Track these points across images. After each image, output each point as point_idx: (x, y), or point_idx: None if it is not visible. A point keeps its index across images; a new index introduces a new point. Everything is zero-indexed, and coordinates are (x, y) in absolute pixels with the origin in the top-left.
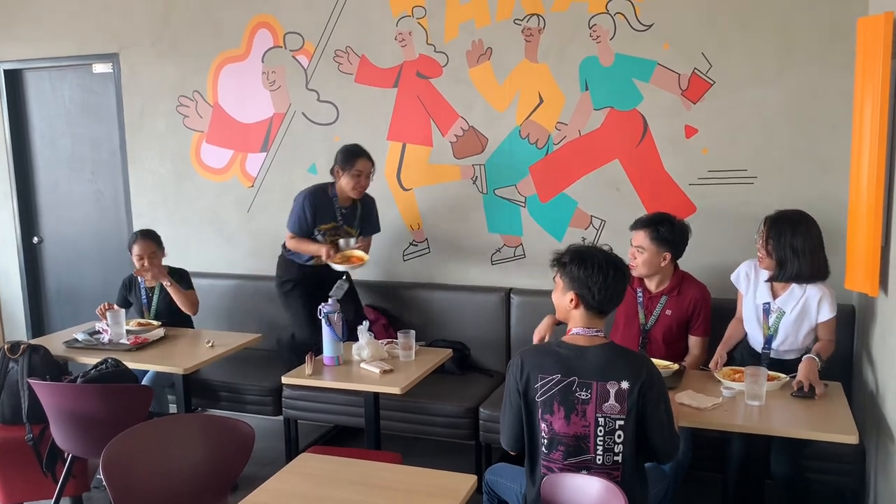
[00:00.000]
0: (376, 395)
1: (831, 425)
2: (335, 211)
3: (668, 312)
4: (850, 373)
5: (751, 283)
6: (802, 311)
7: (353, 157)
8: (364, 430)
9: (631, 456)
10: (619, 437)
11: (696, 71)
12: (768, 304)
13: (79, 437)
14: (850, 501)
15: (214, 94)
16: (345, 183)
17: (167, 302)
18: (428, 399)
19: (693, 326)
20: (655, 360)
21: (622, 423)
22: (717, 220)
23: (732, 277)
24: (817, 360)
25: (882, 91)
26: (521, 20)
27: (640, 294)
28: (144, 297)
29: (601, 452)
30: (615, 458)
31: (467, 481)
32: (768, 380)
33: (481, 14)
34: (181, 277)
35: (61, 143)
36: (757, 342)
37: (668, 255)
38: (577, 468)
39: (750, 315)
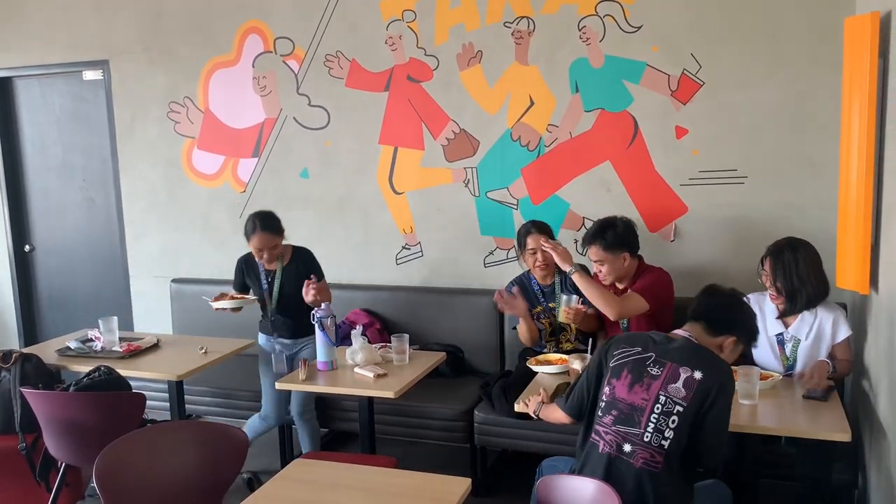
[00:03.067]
0: (370, 399)
1: (824, 423)
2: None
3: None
4: None
5: (759, 316)
6: (818, 335)
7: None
8: (359, 435)
9: (677, 450)
10: (673, 422)
11: (685, 72)
12: (781, 334)
13: (72, 446)
14: (844, 498)
15: (205, 99)
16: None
17: (292, 286)
18: (422, 403)
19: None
20: None
21: (681, 409)
22: (708, 220)
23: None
24: (829, 364)
25: (869, 90)
26: (511, 23)
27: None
28: (265, 281)
29: (651, 430)
30: (663, 441)
31: (462, 484)
32: (761, 378)
33: (471, 17)
34: (308, 261)
35: (52, 150)
36: (775, 372)
37: (626, 255)
38: (622, 438)
39: (763, 347)
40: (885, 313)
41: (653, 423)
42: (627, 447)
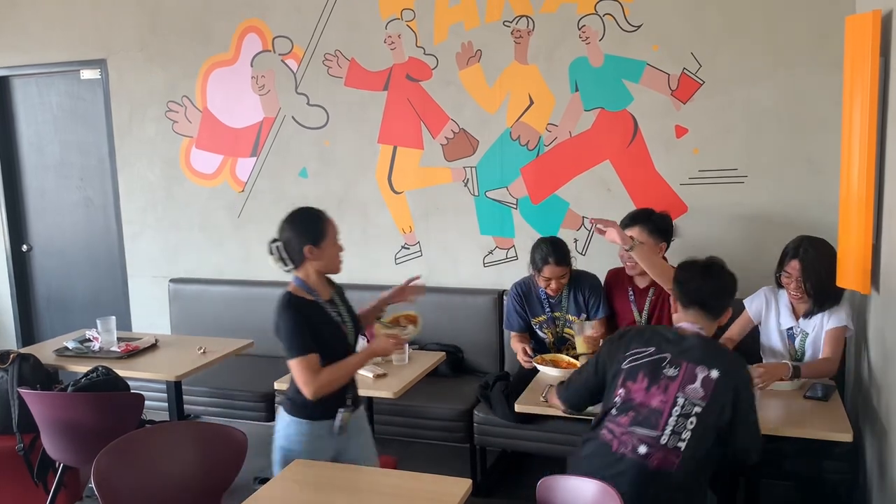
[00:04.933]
0: (370, 398)
1: (826, 423)
2: None
3: (659, 303)
4: (843, 370)
5: (772, 310)
6: (822, 327)
7: (542, 262)
8: None
9: (695, 452)
10: (691, 423)
11: (685, 71)
12: (792, 328)
13: (70, 447)
14: (844, 498)
15: (203, 99)
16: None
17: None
18: (422, 403)
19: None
20: None
21: (699, 410)
22: (708, 219)
23: (749, 305)
24: (791, 368)
25: (871, 88)
26: (511, 22)
27: (630, 292)
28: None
29: (669, 433)
30: (679, 443)
31: (462, 485)
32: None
33: (470, 16)
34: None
35: (49, 149)
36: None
37: (664, 246)
38: (638, 440)
39: (773, 341)
40: (885, 313)
41: (671, 425)
42: (643, 449)
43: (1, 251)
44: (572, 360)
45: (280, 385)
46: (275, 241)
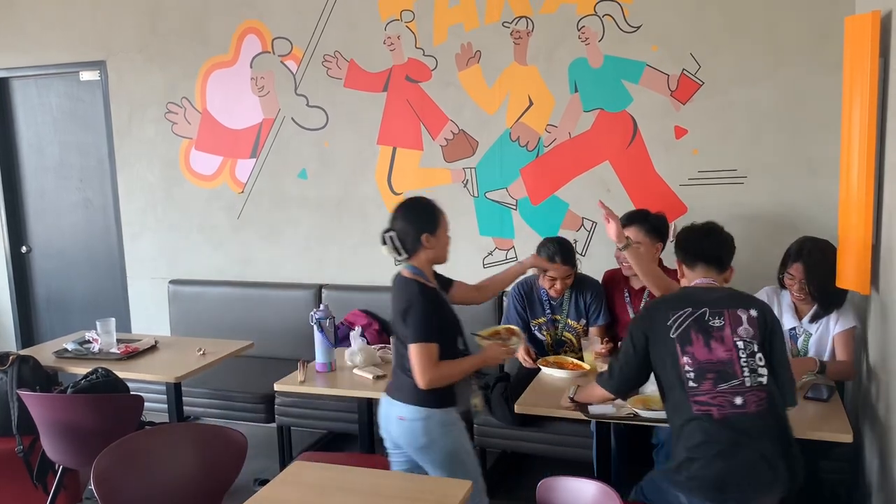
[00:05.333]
0: (370, 400)
1: (826, 424)
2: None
3: None
4: None
5: (774, 309)
6: (825, 327)
7: (549, 261)
8: (358, 436)
9: (773, 383)
10: (760, 358)
11: (684, 72)
12: (794, 328)
13: (69, 448)
14: (844, 498)
15: (203, 100)
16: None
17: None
18: None
19: None
20: None
21: (758, 345)
22: (709, 220)
23: None
24: (818, 363)
25: (870, 89)
26: (510, 23)
27: (626, 293)
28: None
29: (748, 374)
30: (759, 378)
31: (463, 486)
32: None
33: (470, 17)
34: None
35: (49, 151)
36: None
37: (661, 246)
38: (730, 394)
39: None
40: (885, 313)
41: (745, 366)
42: (739, 399)
43: (0, 253)
44: (578, 361)
45: (280, 386)
46: (388, 230)
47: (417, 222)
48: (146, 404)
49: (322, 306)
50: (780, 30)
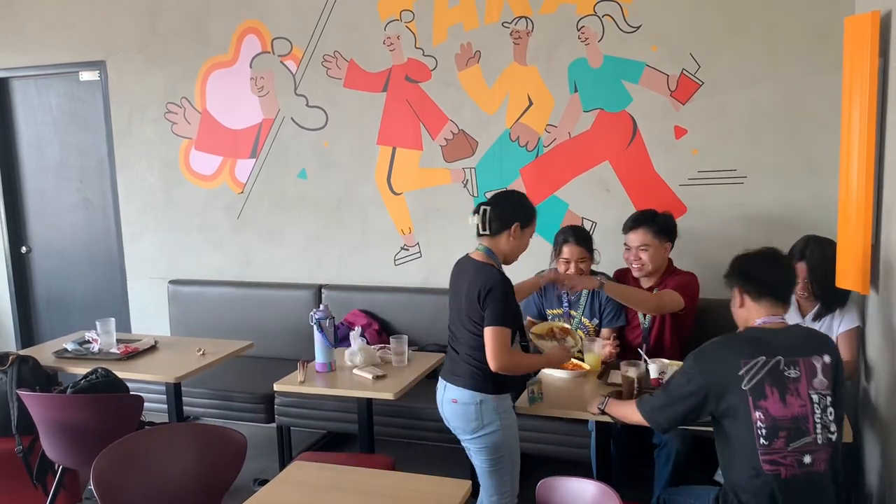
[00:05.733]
0: (369, 400)
1: None
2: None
3: None
4: None
5: None
6: (827, 328)
7: (561, 242)
8: (357, 436)
9: (841, 435)
10: (831, 413)
11: (684, 72)
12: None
13: (69, 449)
14: (844, 499)
15: (203, 100)
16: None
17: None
18: (421, 404)
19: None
20: (677, 363)
21: (832, 397)
22: (708, 220)
23: None
24: None
25: (870, 89)
26: (510, 23)
27: None
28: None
29: (820, 430)
30: (829, 434)
31: (462, 487)
32: None
33: (469, 17)
34: None
35: (48, 151)
36: None
37: (669, 246)
38: (800, 454)
39: None
40: (885, 313)
41: (818, 422)
42: (808, 458)
43: (0, 253)
44: (578, 361)
45: (280, 387)
46: (485, 205)
47: (515, 210)
48: (146, 404)
49: (322, 306)
50: (779, 30)
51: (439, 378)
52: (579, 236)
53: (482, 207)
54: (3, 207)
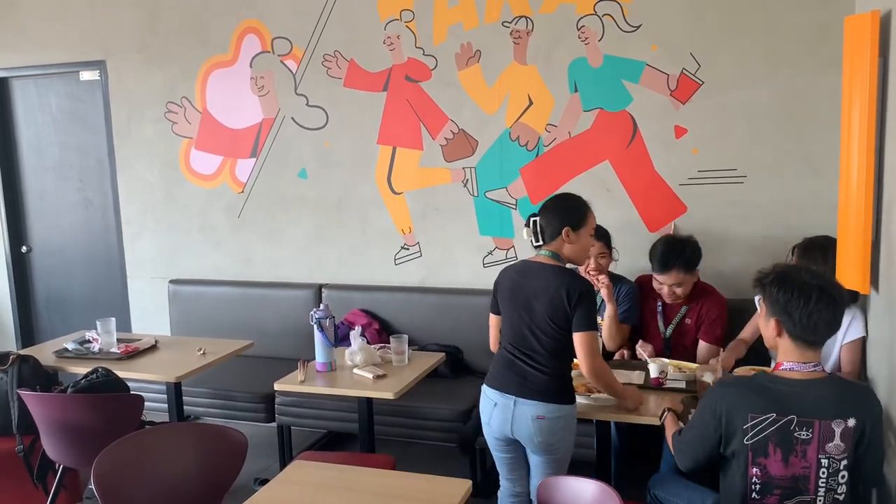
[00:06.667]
0: (369, 400)
1: None
2: None
3: (688, 321)
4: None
5: None
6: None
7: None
8: (358, 436)
9: (851, 494)
10: (843, 476)
11: (684, 71)
12: None
13: (70, 448)
14: None
15: (203, 100)
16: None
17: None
18: (422, 403)
19: (704, 332)
20: (680, 363)
21: (847, 461)
22: (708, 219)
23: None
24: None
25: (870, 89)
26: (510, 22)
27: (659, 304)
28: None
29: (822, 493)
30: (836, 496)
31: (462, 486)
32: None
33: (469, 17)
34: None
35: (48, 151)
36: None
37: (697, 270)
38: None
39: None
40: (885, 312)
41: (822, 486)
42: None
43: (1, 253)
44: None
45: (280, 386)
46: (534, 216)
47: (562, 214)
48: (146, 404)
49: (322, 306)
50: (779, 29)
51: (494, 392)
52: (599, 232)
53: (531, 219)
54: (4, 207)
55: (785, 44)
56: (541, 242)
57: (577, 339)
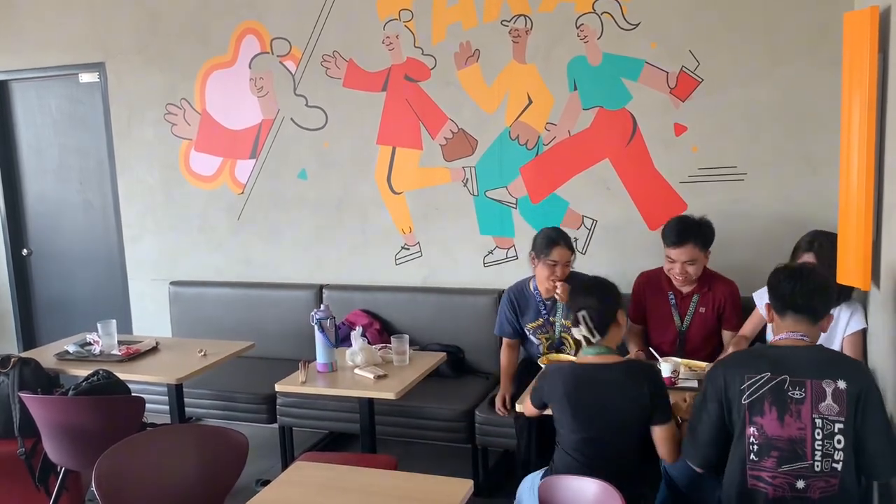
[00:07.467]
0: (371, 400)
1: None
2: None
3: (702, 310)
4: None
5: None
6: (833, 327)
7: (551, 244)
8: (359, 436)
9: (850, 466)
10: (839, 441)
11: (684, 69)
12: None
13: (71, 450)
14: None
15: (202, 101)
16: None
17: None
18: (423, 403)
19: (725, 320)
20: (690, 361)
21: (842, 426)
22: (708, 217)
23: (759, 301)
24: (747, 341)
25: (869, 85)
26: (509, 21)
27: (672, 297)
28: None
29: (819, 458)
30: (834, 464)
31: (464, 486)
32: None
33: (468, 16)
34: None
35: (49, 153)
36: None
37: (709, 251)
38: (792, 477)
39: None
40: (886, 309)
41: (818, 450)
42: (801, 483)
43: (1, 255)
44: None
45: (281, 387)
46: (580, 309)
47: (611, 297)
48: (148, 406)
49: (323, 306)
50: (779, 26)
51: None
52: (567, 239)
53: (579, 315)
54: (4, 209)
55: (785, 41)
56: (599, 337)
57: (662, 432)
